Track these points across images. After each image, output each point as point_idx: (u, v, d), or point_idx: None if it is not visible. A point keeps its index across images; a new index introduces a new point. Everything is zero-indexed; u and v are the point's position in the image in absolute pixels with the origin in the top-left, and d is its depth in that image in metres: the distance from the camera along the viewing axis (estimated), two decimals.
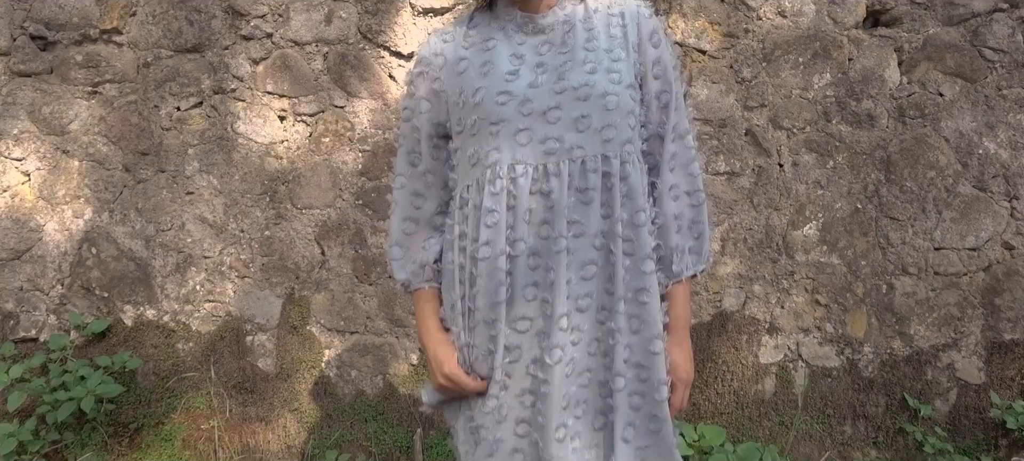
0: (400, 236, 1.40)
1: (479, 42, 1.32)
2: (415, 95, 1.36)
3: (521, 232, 1.24)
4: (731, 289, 2.89)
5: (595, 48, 1.27)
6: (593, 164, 1.23)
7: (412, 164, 1.39)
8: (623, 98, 1.24)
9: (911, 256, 2.86)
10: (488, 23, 1.34)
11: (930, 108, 2.83)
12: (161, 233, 2.91)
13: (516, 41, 1.30)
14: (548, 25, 1.30)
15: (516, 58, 1.28)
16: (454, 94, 1.31)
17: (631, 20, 1.31)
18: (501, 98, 1.24)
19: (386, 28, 2.84)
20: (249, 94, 2.88)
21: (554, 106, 1.23)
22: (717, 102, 2.84)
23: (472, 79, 1.28)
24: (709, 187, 2.84)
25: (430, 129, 1.36)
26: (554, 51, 1.28)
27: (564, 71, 1.25)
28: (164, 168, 2.90)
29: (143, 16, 2.86)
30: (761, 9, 2.82)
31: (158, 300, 2.93)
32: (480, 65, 1.29)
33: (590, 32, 1.29)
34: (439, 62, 1.34)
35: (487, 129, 1.25)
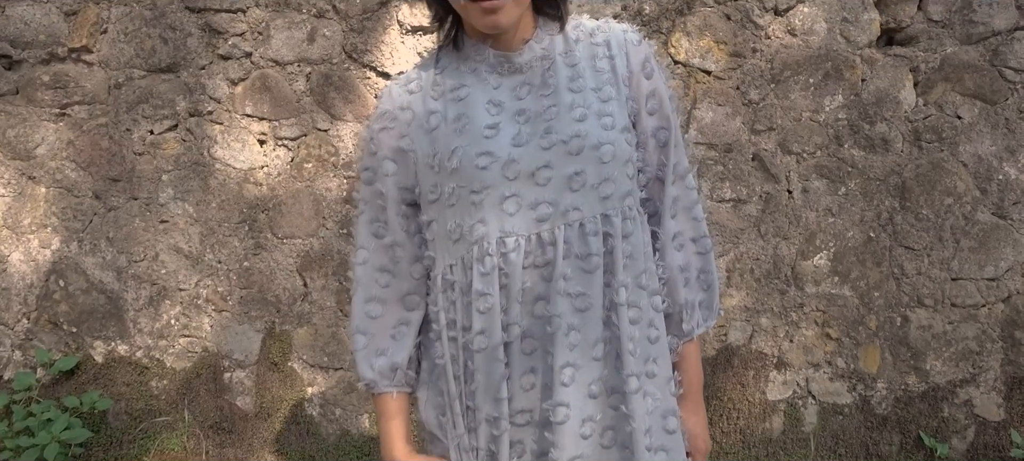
0: (364, 321, 1.20)
1: (450, 90, 1.14)
2: (377, 154, 1.17)
3: (514, 314, 1.08)
4: (737, 322, 2.74)
5: (581, 88, 1.11)
6: (592, 226, 1.08)
7: (376, 235, 1.20)
8: (619, 146, 1.09)
9: (927, 287, 2.72)
10: (457, 65, 1.16)
11: (947, 131, 2.68)
12: (133, 264, 2.75)
13: (491, 85, 1.13)
14: (525, 63, 1.13)
15: (494, 107, 1.11)
16: (425, 155, 1.13)
17: (619, 49, 1.15)
18: (482, 160, 1.07)
19: (372, 47, 2.68)
20: (227, 117, 2.71)
21: (543, 165, 1.07)
22: (723, 125, 2.68)
23: (446, 138, 1.10)
24: (714, 215, 2.69)
25: (397, 194, 1.17)
26: (535, 94, 1.11)
27: (550, 120, 1.09)
28: (136, 195, 2.73)
29: (114, 34, 2.70)
30: (770, 27, 2.67)
31: (130, 335, 2.76)
32: (454, 119, 1.11)
33: (574, 69, 1.13)
34: (406, 117, 1.16)
35: (468, 198, 1.08)
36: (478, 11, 1.03)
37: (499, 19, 1.03)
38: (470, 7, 1.03)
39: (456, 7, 1.07)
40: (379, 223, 1.19)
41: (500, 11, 1.03)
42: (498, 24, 1.04)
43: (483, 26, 1.05)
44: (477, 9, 1.03)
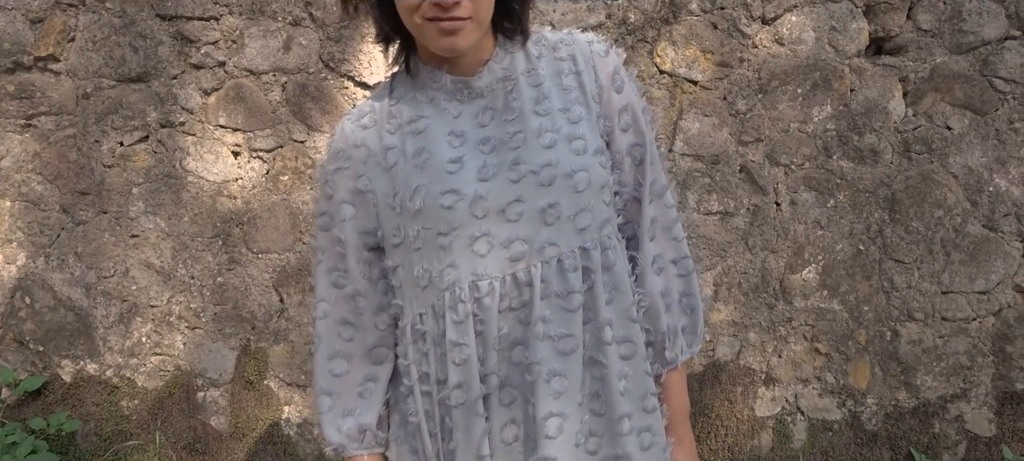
0: (328, 380, 1.10)
1: (407, 122, 1.05)
2: (333, 197, 1.08)
3: (492, 363, 1.00)
4: (725, 337, 2.68)
5: (548, 110, 1.03)
6: (571, 261, 1.00)
7: (336, 285, 1.10)
8: (593, 171, 1.01)
9: (917, 301, 2.67)
10: (413, 94, 1.07)
11: (937, 142, 2.64)
12: (103, 280, 2.66)
13: (451, 114, 1.04)
14: (486, 87, 1.04)
15: (456, 138, 1.03)
16: (385, 196, 1.04)
17: (585, 63, 1.08)
18: (447, 199, 0.98)
19: (350, 56, 2.61)
20: (200, 128, 2.63)
21: (514, 199, 0.99)
22: (709, 137, 2.62)
23: (407, 175, 1.02)
24: (701, 228, 2.63)
25: (357, 240, 1.08)
26: (498, 119, 1.03)
27: (517, 148, 1.01)
28: (106, 209, 2.64)
29: (82, 42, 2.61)
30: (757, 36, 2.61)
31: (100, 353, 2.67)
32: (414, 155, 1.03)
33: (538, 89, 1.05)
34: (361, 155, 1.06)
35: (435, 241, 1.00)
36: (434, 32, 0.94)
37: (458, 41, 0.95)
38: (426, 27, 0.95)
39: (409, 27, 0.98)
40: (338, 272, 1.10)
41: (459, 32, 0.94)
42: (456, 47, 0.95)
43: (440, 49, 0.96)
44: (433, 29, 0.94)
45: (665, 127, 2.63)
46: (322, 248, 1.11)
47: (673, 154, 2.63)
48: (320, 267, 1.11)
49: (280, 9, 2.59)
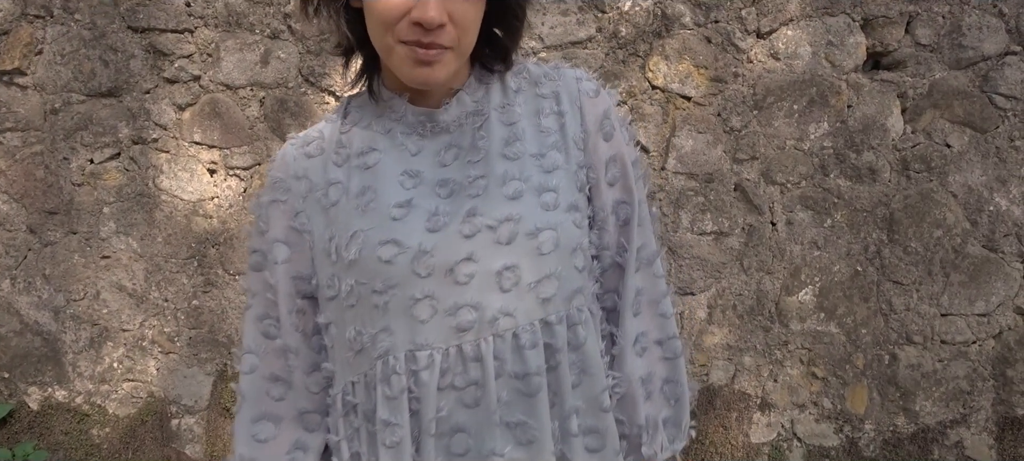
0: (250, 446, 0.94)
1: (357, 154, 0.91)
2: (267, 234, 0.93)
3: (428, 452, 0.84)
4: (719, 361, 2.59)
5: (519, 154, 0.89)
6: (529, 337, 0.85)
7: (267, 335, 0.95)
8: (564, 231, 0.87)
9: (916, 323, 2.59)
10: (370, 121, 0.93)
11: (936, 160, 2.56)
12: (72, 303, 2.54)
13: (409, 150, 0.90)
14: (452, 121, 0.91)
15: (409, 179, 0.88)
16: (321, 239, 0.89)
17: (570, 102, 0.93)
18: (386, 250, 0.84)
19: (331, 70, 2.51)
20: (174, 144, 2.52)
21: (465, 257, 0.83)
22: (703, 154, 2.54)
23: (346, 217, 0.88)
24: (694, 248, 2.55)
25: (290, 286, 0.93)
26: (462, 160, 0.89)
27: (476, 196, 0.86)
28: (75, 229, 2.53)
29: (50, 55, 2.50)
30: (752, 51, 2.53)
31: (69, 380, 2.56)
32: (358, 193, 0.88)
33: (511, 128, 0.91)
34: (301, 189, 0.92)
35: (370, 299, 0.85)
36: (409, 58, 0.82)
37: (434, 74, 0.82)
38: (398, 50, 0.82)
39: (377, 44, 0.84)
40: (270, 320, 0.94)
41: (437, 63, 0.82)
42: (432, 79, 0.83)
43: (411, 79, 0.83)
44: (408, 55, 0.81)
45: (657, 144, 2.55)
46: (252, 291, 0.96)
47: (666, 172, 2.55)
48: (249, 313, 0.96)
49: (258, 21, 2.49)
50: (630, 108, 2.53)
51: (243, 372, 0.96)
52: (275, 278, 0.93)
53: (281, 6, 2.49)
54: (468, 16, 0.82)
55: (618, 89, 2.51)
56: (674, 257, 2.55)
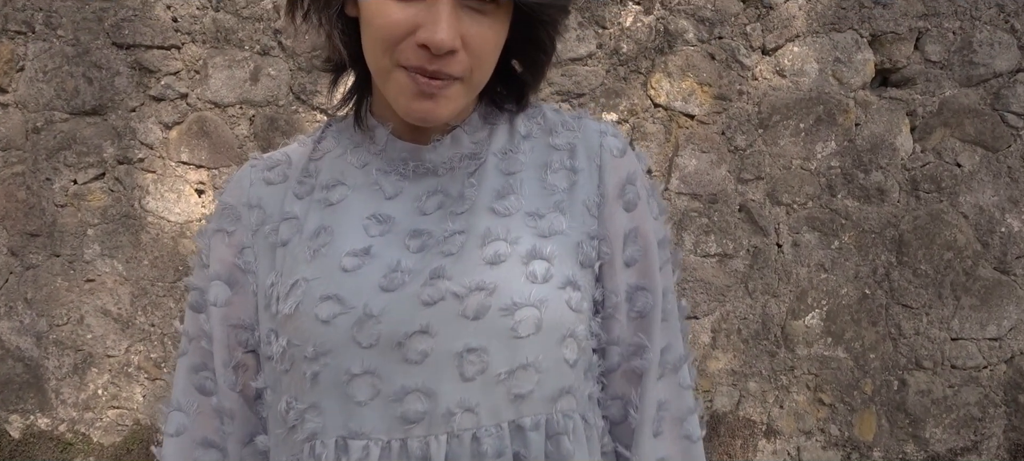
0: None
1: (322, 187, 0.77)
2: (207, 269, 0.79)
3: None
4: (723, 387, 2.52)
5: (511, 210, 0.73)
6: (494, 443, 0.68)
7: (201, 391, 0.79)
8: (552, 310, 0.70)
9: (926, 348, 2.52)
10: (345, 150, 0.78)
11: (947, 180, 2.49)
12: (55, 328, 2.46)
13: (385, 191, 0.75)
14: (441, 163, 0.76)
15: (377, 224, 0.73)
16: (264, 283, 0.75)
17: (588, 159, 0.77)
18: (325, 308, 0.69)
19: (322, 88, 2.43)
20: (160, 164, 2.44)
21: (419, 328, 0.68)
22: (707, 174, 2.47)
23: (293, 261, 0.73)
24: (698, 271, 2.47)
25: (227, 336, 0.77)
26: (445, 210, 0.74)
27: (449, 255, 0.71)
28: (58, 252, 2.45)
29: (33, 72, 2.41)
30: (757, 68, 2.46)
31: (52, 407, 2.48)
32: (313, 234, 0.74)
33: (508, 180, 0.75)
34: (253, 220, 0.78)
35: (301, 367, 0.70)
36: (409, 88, 0.67)
37: (437, 109, 0.68)
38: (398, 77, 0.68)
39: (373, 65, 0.70)
40: (206, 373, 0.79)
41: (441, 97, 0.68)
42: (433, 115, 0.69)
43: (410, 112, 0.69)
44: (408, 84, 0.67)
45: (660, 164, 2.47)
46: (189, 335, 0.80)
47: (669, 192, 2.47)
48: (183, 362, 0.80)
49: (247, 38, 2.41)
50: (631, 127, 2.45)
51: (168, 434, 0.79)
52: (210, 323, 0.77)
53: (271, 22, 2.41)
54: (486, 44, 0.68)
55: (618, 107, 2.44)
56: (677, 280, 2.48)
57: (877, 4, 2.43)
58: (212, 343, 0.78)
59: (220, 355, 0.77)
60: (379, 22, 0.66)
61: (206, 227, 0.81)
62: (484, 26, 0.67)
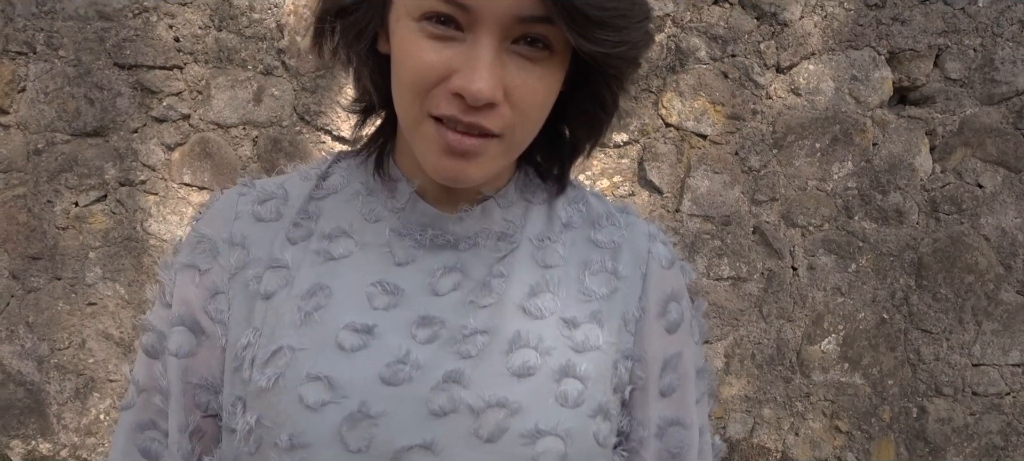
0: None
1: (323, 235, 0.66)
2: (170, 308, 0.67)
3: None
4: (737, 413, 2.46)
5: (545, 313, 0.63)
6: None
7: (146, 454, 0.67)
8: (581, 444, 0.61)
9: (946, 374, 2.45)
10: (355, 194, 0.68)
11: (968, 202, 2.42)
12: (57, 352, 2.43)
13: (395, 255, 0.65)
14: (465, 236, 0.66)
15: (384, 294, 0.63)
16: (236, 341, 0.64)
17: (633, 265, 0.69)
18: (313, 391, 0.59)
19: (327, 108, 2.39)
20: (163, 186, 2.41)
21: (421, 443, 0.58)
22: (720, 195, 2.40)
23: (277, 321, 0.62)
24: (711, 294, 2.41)
25: (186, 395, 0.65)
26: (463, 297, 0.64)
27: (468, 357, 0.61)
28: (60, 275, 2.41)
29: (34, 93, 2.38)
30: (771, 87, 2.39)
31: (54, 432, 2.44)
32: (306, 292, 0.63)
33: (546, 274, 0.66)
34: (232, 261, 0.66)
35: (271, 454, 0.60)
36: (437, 142, 0.57)
37: (468, 169, 0.58)
38: (426, 129, 0.58)
39: (402, 112, 0.60)
40: (154, 434, 0.66)
41: (475, 158, 0.58)
42: (463, 176, 0.58)
43: (437, 170, 0.59)
44: (437, 138, 0.57)
45: (671, 185, 2.41)
46: (138, 383, 0.67)
47: (680, 214, 2.41)
48: (127, 417, 0.67)
49: (250, 57, 2.37)
50: (642, 147, 2.40)
51: None
52: (167, 377, 0.65)
53: (274, 41, 2.37)
54: (533, 97, 0.57)
55: (629, 127, 2.39)
56: None
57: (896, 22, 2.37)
58: (168, 400, 0.65)
59: (176, 417, 0.65)
60: (410, 63, 0.56)
61: (173, 259, 0.69)
62: (533, 76, 0.56)
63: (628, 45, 0.56)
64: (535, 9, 0.53)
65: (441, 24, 0.55)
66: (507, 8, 0.53)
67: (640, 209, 2.41)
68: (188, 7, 2.37)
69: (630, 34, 0.55)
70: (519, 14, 0.53)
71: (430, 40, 0.55)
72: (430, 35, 0.55)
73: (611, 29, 0.54)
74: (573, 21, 0.52)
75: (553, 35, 0.55)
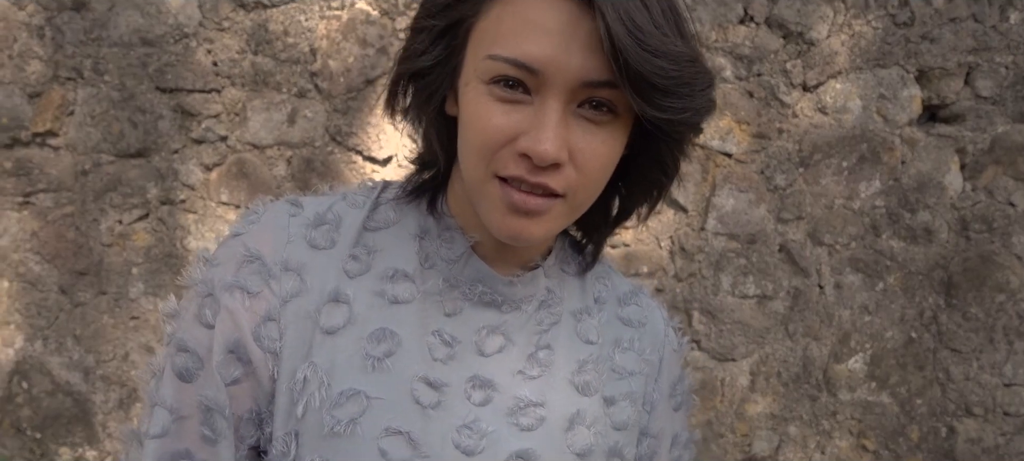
0: None
1: (383, 275, 0.64)
2: (214, 334, 0.62)
3: None
4: (762, 431, 2.46)
5: (592, 391, 0.67)
6: None
7: None
8: None
9: (976, 394, 2.42)
10: (409, 230, 0.67)
11: (999, 220, 2.39)
12: (102, 364, 2.54)
13: (445, 305, 0.65)
14: (516, 299, 0.67)
15: (443, 345, 0.64)
16: (290, 372, 0.61)
17: (652, 348, 0.73)
18: (395, 447, 0.60)
19: (358, 129, 2.45)
20: (201, 205, 2.50)
21: None
22: (746, 214, 2.41)
23: (346, 361, 0.61)
24: (736, 312, 2.42)
25: (231, 427, 0.62)
26: (509, 363, 0.65)
27: (530, 430, 0.64)
28: (105, 290, 2.52)
29: (81, 116, 2.49)
30: (797, 105, 2.40)
31: (99, 440, 2.55)
32: (375, 335, 0.62)
33: (589, 349, 0.69)
34: (287, 287, 0.62)
35: None
36: (503, 203, 0.58)
37: (531, 228, 0.59)
38: (492, 190, 0.59)
39: (467, 176, 0.61)
40: None
41: (539, 217, 0.59)
42: (526, 234, 0.59)
43: (501, 229, 0.60)
44: (502, 198, 0.58)
45: (696, 203, 2.43)
46: (170, 408, 0.62)
47: (706, 232, 2.43)
48: (156, 446, 0.61)
49: (284, 80, 2.45)
50: None
51: None
52: (216, 402, 0.60)
53: (307, 65, 2.45)
54: (596, 160, 0.58)
55: None
56: (714, 321, 2.43)
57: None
58: (214, 430, 0.60)
59: (226, 450, 0.60)
60: (479, 126, 0.58)
61: (213, 272, 0.63)
62: (596, 140, 0.58)
63: (692, 112, 0.57)
64: (601, 74, 0.55)
65: (509, 88, 0.57)
66: (574, 73, 0.55)
67: (665, 228, 2.43)
68: (226, 33, 2.45)
69: (694, 101, 0.56)
70: (585, 79, 0.55)
71: (499, 103, 0.57)
72: (499, 98, 0.57)
73: (675, 96, 0.55)
74: (638, 88, 0.54)
75: (617, 99, 0.57)
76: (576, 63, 0.55)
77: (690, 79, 0.56)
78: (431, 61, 0.60)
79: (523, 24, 0.55)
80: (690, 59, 0.55)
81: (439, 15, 0.60)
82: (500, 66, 0.56)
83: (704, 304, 2.43)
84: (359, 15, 2.43)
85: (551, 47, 0.54)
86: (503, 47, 0.56)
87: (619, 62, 0.53)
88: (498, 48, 0.56)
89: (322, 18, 2.43)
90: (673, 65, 0.54)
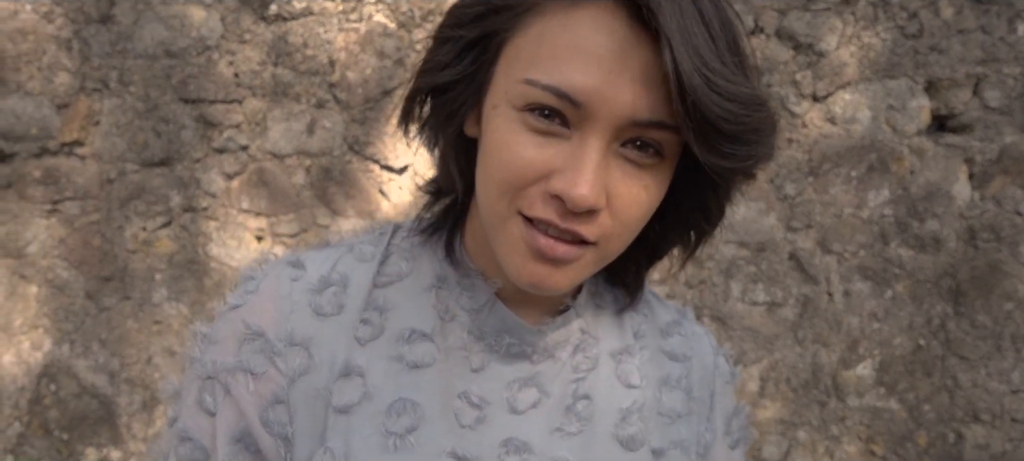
0: None
1: (397, 337, 0.58)
2: (218, 421, 0.57)
3: None
4: (772, 436, 2.50)
5: (638, 444, 0.60)
6: None
7: None
8: None
9: (984, 401, 2.45)
10: (422, 280, 0.60)
11: (1007, 229, 2.42)
12: (126, 367, 2.61)
13: (472, 360, 0.58)
14: (546, 348, 0.60)
15: (471, 408, 0.57)
16: (307, 457, 0.56)
17: (701, 382, 0.66)
18: None
19: (375, 139, 2.51)
20: (223, 212, 2.56)
21: None
22: (755, 222, 2.45)
23: (363, 443, 0.55)
24: (746, 319, 2.46)
25: None
26: (545, 419, 0.59)
27: None
28: (129, 295, 2.59)
29: (107, 126, 2.56)
30: (807, 115, 2.43)
31: (124, 441, 2.62)
32: (392, 409, 0.56)
33: (631, 393, 0.62)
34: (294, 364, 0.57)
35: None
36: (526, 245, 0.51)
37: (555, 278, 0.52)
38: (514, 229, 0.52)
39: (485, 209, 0.54)
40: None
41: (565, 266, 0.52)
42: (548, 284, 0.52)
43: (522, 275, 0.52)
44: (526, 240, 0.51)
45: None
46: None
47: (715, 240, 2.47)
48: None
49: (304, 91, 2.51)
50: None
51: None
52: None
53: (326, 76, 2.51)
54: (635, 207, 0.51)
55: None
56: (724, 327, 2.47)
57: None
58: None
59: None
60: (507, 157, 0.50)
61: (212, 352, 0.57)
62: (639, 185, 0.51)
63: (754, 160, 0.50)
64: (655, 114, 0.48)
65: (545, 118, 0.49)
66: (624, 109, 0.47)
67: None
68: (247, 45, 2.52)
69: (759, 148, 0.49)
70: (636, 118, 0.48)
71: (532, 134, 0.50)
72: (532, 128, 0.49)
73: (742, 143, 0.48)
74: (703, 133, 0.47)
75: (667, 141, 0.50)
76: (626, 98, 0.47)
77: (759, 125, 0.48)
78: (455, 76, 0.53)
79: (568, 47, 0.48)
80: (759, 103, 0.48)
81: (469, 26, 0.52)
82: (538, 93, 0.48)
83: (714, 310, 2.47)
84: (377, 27, 2.49)
85: (599, 77, 0.47)
86: (543, 72, 0.48)
87: (686, 103, 0.45)
88: (537, 72, 0.48)
89: (341, 30, 2.49)
90: (743, 109, 0.47)
